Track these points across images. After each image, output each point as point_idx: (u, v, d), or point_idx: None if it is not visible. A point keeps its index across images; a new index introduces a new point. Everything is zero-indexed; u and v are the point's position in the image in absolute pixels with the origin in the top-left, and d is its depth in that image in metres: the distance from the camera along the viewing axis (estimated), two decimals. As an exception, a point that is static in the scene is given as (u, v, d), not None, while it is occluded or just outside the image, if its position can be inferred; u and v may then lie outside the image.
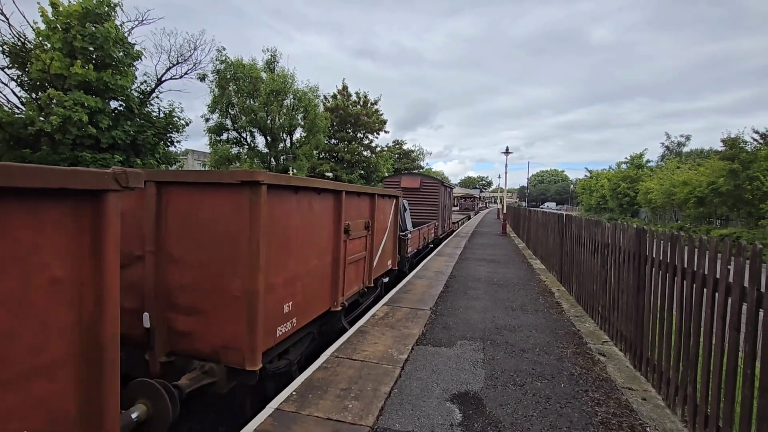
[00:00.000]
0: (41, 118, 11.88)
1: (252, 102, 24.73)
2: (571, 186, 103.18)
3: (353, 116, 37.36)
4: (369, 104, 38.93)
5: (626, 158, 47.53)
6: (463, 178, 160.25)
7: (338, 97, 38.03)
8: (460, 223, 27.02)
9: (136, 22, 14.95)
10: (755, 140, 27.45)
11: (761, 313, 2.37)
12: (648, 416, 3.19)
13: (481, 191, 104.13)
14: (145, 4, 18.52)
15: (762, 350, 2.32)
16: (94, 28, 12.55)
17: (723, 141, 26.64)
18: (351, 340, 4.70)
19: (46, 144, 12.07)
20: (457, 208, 55.06)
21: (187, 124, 15.67)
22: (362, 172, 38.52)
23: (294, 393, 3.38)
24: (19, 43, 12.63)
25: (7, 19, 12.54)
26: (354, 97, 38.61)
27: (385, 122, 39.55)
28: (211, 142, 25.85)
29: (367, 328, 5.15)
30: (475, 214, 47.99)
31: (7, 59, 12.55)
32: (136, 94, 14.48)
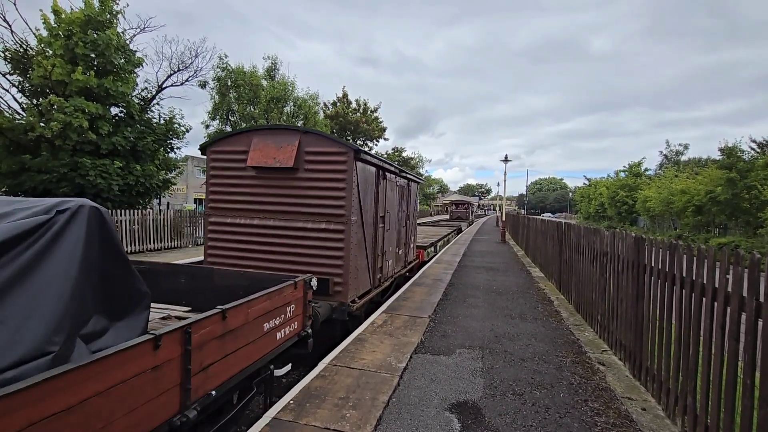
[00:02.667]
0: (41, 124, 11.90)
1: (252, 109, 24.84)
2: (570, 194, 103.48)
3: (353, 123, 37.51)
4: (369, 111, 39.12)
5: (624, 166, 47.74)
6: (463, 185, 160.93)
7: (338, 104, 38.24)
8: (437, 245, 16.14)
9: (138, 30, 15.04)
10: (752, 149, 27.64)
11: (760, 323, 2.36)
12: (648, 426, 3.17)
13: (480, 198, 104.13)
14: (150, 11, 18.85)
15: (761, 360, 2.31)
16: (95, 35, 12.64)
17: (720, 150, 26.80)
18: (349, 348, 4.68)
19: (46, 150, 12.08)
20: (447, 218, 45.13)
21: (188, 131, 15.71)
22: (361, 179, 38.55)
23: (291, 402, 3.36)
24: (21, 50, 12.71)
25: (10, 26, 12.64)
26: (354, 105, 38.81)
27: (384, 129, 39.72)
28: (211, 149, 25.90)
29: (365, 335, 5.13)
30: (469, 225, 37.68)
31: (9, 65, 12.62)
32: (136, 100, 14.54)
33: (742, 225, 25.19)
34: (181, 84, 17.29)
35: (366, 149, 7.72)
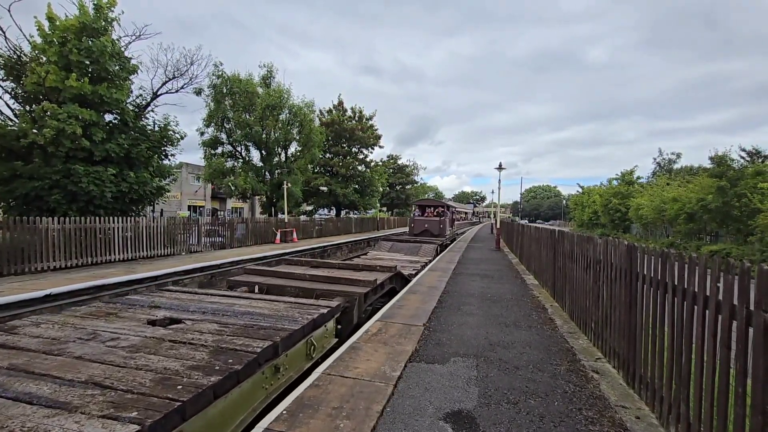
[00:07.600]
0: (34, 131, 11.83)
1: (247, 116, 24.86)
2: (564, 201, 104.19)
3: (348, 131, 37.66)
4: (364, 119, 39.31)
5: (617, 174, 48.20)
6: (458, 192, 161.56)
7: (334, 111, 38.41)
8: None
9: (134, 37, 15.06)
10: (742, 158, 28.10)
11: (751, 331, 2.38)
12: (642, 435, 3.17)
13: (474, 206, 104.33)
14: (152, 20, 18.47)
15: (753, 368, 2.33)
16: (90, 42, 12.63)
17: (711, 158, 27.19)
18: (343, 356, 4.65)
19: (39, 156, 11.98)
20: (405, 231, 28.17)
21: (182, 138, 15.67)
22: (357, 186, 38.71)
23: (284, 412, 3.32)
24: (15, 56, 12.66)
25: (4, 32, 12.61)
26: (349, 112, 39.00)
27: (379, 137, 39.90)
28: (205, 156, 25.88)
29: (359, 344, 5.10)
30: (441, 250, 20.18)
31: (2, 72, 12.56)
32: (131, 107, 14.49)
33: (733, 232, 25.45)
34: (176, 91, 17.28)
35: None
